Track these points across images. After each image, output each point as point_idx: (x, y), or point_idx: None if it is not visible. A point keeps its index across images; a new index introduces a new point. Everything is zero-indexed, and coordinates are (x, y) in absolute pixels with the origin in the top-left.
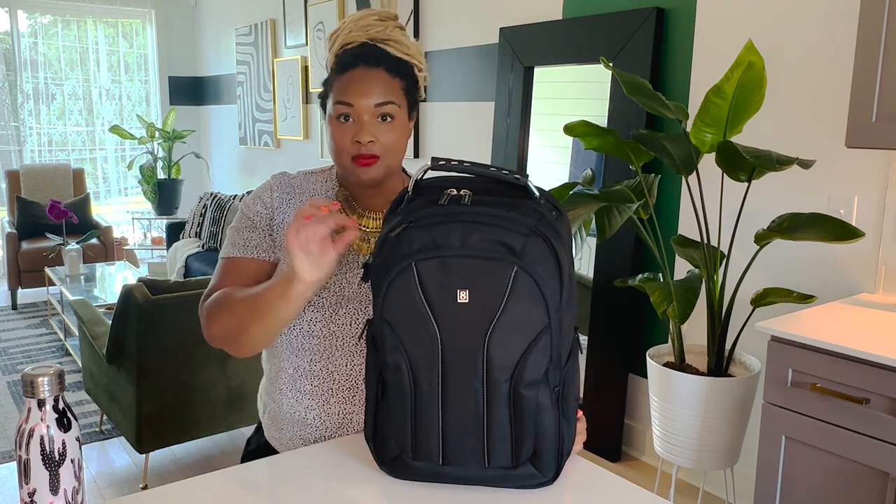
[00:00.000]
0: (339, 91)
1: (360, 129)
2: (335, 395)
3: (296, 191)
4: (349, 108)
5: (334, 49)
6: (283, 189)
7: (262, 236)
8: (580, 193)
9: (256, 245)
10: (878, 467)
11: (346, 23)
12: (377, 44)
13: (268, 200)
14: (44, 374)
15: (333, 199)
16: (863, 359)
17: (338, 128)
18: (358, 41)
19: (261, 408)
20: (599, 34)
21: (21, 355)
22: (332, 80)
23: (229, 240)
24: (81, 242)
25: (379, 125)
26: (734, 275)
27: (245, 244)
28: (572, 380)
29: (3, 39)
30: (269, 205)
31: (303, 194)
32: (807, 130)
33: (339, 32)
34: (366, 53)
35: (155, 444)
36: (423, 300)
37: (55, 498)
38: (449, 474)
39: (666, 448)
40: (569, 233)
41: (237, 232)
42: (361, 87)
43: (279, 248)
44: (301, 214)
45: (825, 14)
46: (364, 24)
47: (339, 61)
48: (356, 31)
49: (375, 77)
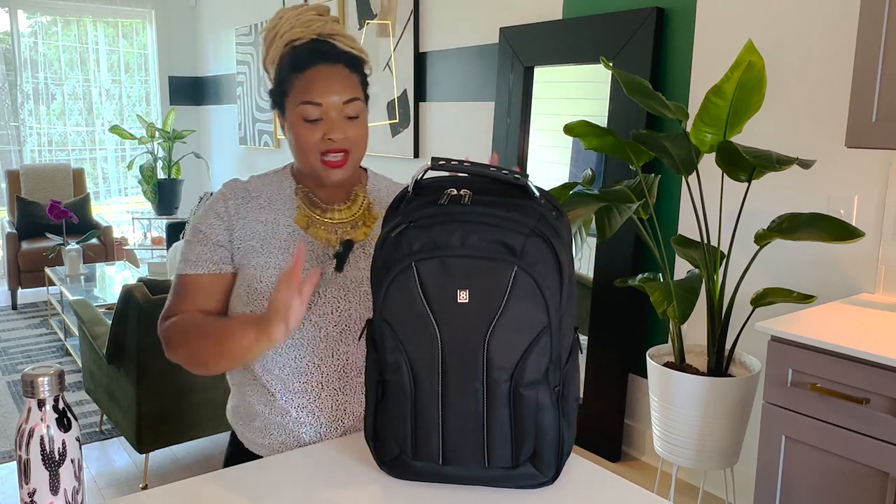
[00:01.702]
0: (303, 90)
1: (331, 127)
2: (325, 388)
3: (251, 195)
4: (317, 107)
5: (278, 45)
6: (237, 197)
7: (216, 249)
8: (580, 193)
9: (210, 259)
10: (878, 467)
11: (283, 19)
12: (326, 39)
13: (221, 210)
14: (44, 374)
15: (293, 197)
16: (863, 359)
17: (305, 128)
18: (305, 38)
19: (235, 422)
20: (599, 34)
21: (21, 355)
22: (289, 79)
23: (183, 255)
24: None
25: (346, 122)
26: (734, 275)
27: (198, 260)
28: (572, 380)
29: (3, 39)
30: (224, 215)
31: (259, 197)
32: (807, 130)
33: (277, 29)
34: (322, 50)
35: (155, 444)
36: (424, 300)
37: (55, 498)
38: (449, 474)
39: (666, 448)
40: (569, 233)
41: (190, 247)
42: (327, 84)
43: (242, 255)
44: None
45: (825, 14)
46: (305, 20)
47: (293, 59)
48: (299, 28)
49: (338, 74)
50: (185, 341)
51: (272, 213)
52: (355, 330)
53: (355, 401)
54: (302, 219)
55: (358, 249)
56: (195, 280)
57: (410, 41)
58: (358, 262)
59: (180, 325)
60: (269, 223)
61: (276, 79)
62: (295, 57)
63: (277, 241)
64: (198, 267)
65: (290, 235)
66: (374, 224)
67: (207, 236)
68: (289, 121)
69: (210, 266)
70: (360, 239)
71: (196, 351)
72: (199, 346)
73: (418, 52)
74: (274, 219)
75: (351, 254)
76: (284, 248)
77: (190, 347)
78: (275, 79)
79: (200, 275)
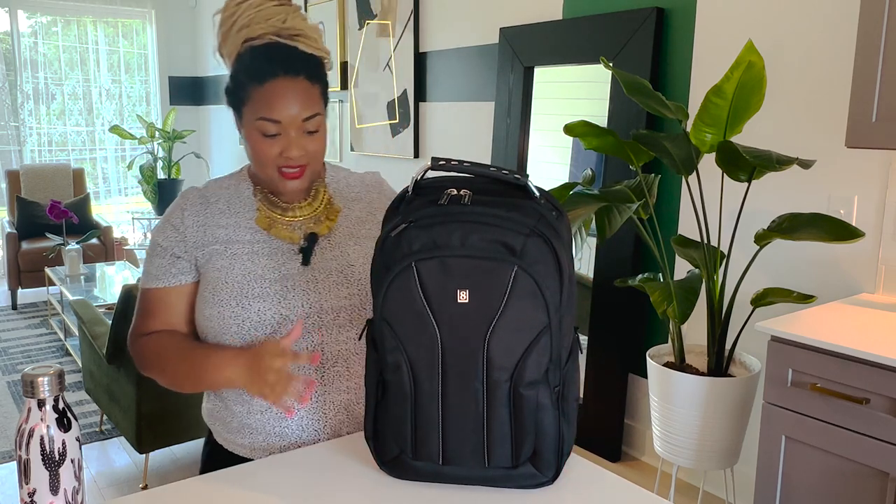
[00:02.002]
0: (263, 106)
1: (289, 145)
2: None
3: (210, 199)
4: (276, 124)
5: (235, 40)
6: (193, 206)
7: (175, 261)
8: (580, 193)
9: (169, 272)
10: (878, 467)
11: (242, 7)
12: (286, 42)
13: (177, 222)
14: (44, 374)
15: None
16: (863, 359)
17: (263, 142)
18: (264, 36)
19: (212, 423)
20: (599, 34)
21: (21, 355)
22: (247, 88)
23: (144, 269)
24: (81, 242)
25: (305, 138)
26: (734, 275)
27: (158, 273)
28: (572, 380)
29: (3, 39)
30: (180, 226)
31: (218, 201)
32: (807, 130)
33: (235, 19)
34: (281, 58)
35: (155, 444)
36: (423, 300)
37: (55, 498)
38: (449, 474)
39: (666, 448)
40: (569, 233)
41: (150, 260)
42: (286, 101)
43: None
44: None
45: (825, 14)
46: (265, 14)
47: (252, 66)
48: (259, 23)
49: (298, 88)
50: (161, 365)
51: (232, 216)
52: (327, 321)
53: (335, 390)
54: (263, 220)
55: (323, 241)
56: (158, 295)
57: (410, 41)
58: (324, 254)
59: (155, 348)
60: (231, 227)
61: (234, 80)
62: (254, 63)
63: (240, 244)
64: (159, 281)
65: (253, 237)
66: (337, 217)
67: (165, 249)
68: (246, 131)
69: (170, 279)
70: (324, 232)
71: (173, 375)
72: (176, 371)
73: (418, 52)
74: (235, 222)
75: (316, 246)
76: (248, 250)
77: (167, 371)
78: (232, 79)
79: (162, 289)
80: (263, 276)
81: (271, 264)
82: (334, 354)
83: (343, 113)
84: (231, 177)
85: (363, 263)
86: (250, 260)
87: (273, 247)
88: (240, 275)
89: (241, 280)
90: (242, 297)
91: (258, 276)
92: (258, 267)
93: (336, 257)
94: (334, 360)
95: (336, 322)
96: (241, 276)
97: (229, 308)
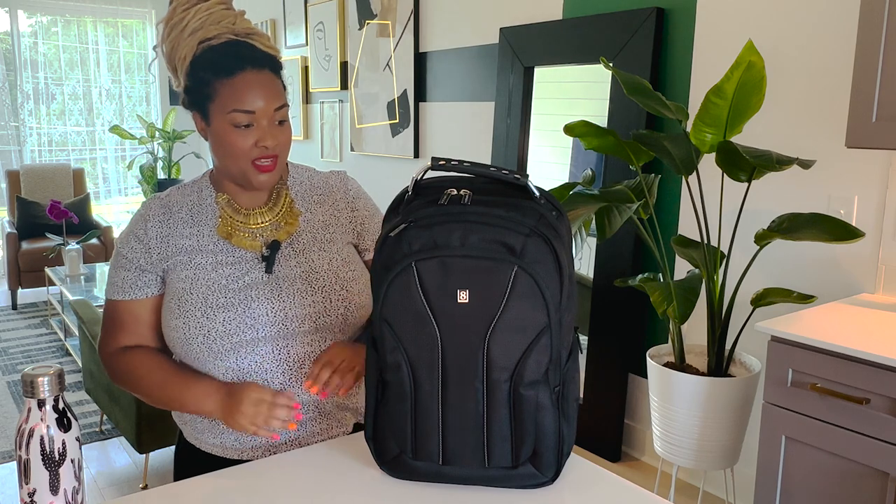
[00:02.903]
0: (233, 98)
1: (263, 135)
2: (271, 384)
3: (172, 209)
4: (250, 115)
5: (189, 43)
6: (155, 216)
7: (140, 274)
8: (580, 193)
9: (134, 284)
10: (878, 467)
11: (192, 13)
12: (244, 39)
13: (140, 233)
14: (44, 374)
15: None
16: (863, 359)
17: (236, 135)
18: (220, 36)
19: (182, 423)
20: (599, 34)
21: (21, 355)
22: (212, 84)
23: (109, 279)
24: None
25: (276, 128)
26: (734, 275)
27: (122, 285)
28: (572, 380)
29: (3, 39)
30: (144, 238)
31: (180, 210)
32: (807, 130)
33: (186, 23)
34: (246, 54)
35: (155, 444)
36: (423, 300)
37: (55, 498)
38: (449, 474)
39: (666, 448)
40: (569, 233)
41: (114, 271)
42: (257, 91)
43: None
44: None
45: (825, 14)
46: (216, 17)
47: (215, 62)
48: (212, 25)
49: (266, 80)
50: (136, 384)
51: (195, 225)
52: (292, 328)
53: (303, 391)
54: (224, 229)
55: (286, 248)
56: (125, 307)
57: (410, 41)
58: (288, 261)
59: (130, 367)
60: (194, 236)
61: (194, 80)
62: (216, 60)
63: (203, 254)
64: (124, 293)
65: (216, 246)
66: (297, 221)
67: (130, 261)
68: (215, 127)
69: (135, 292)
70: (284, 238)
71: (148, 396)
72: (151, 394)
73: (418, 52)
74: (198, 231)
75: (279, 254)
76: (211, 259)
77: (141, 392)
78: (191, 79)
79: (129, 301)
80: (227, 287)
81: (235, 274)
82: (300, 356)
83: (343, 113)
84: (193, 183)
85: (327, 269)
86: (214, 270)
87: (236, 256)
88: (204, 286)
89: (206, 291)
90: (207, 307)
91: (222, 287)
92: (222, 277)
93: (300, 264)
94: (301, 363)
95: (301, 329)
96: (206, 287)
97: (195, 319)
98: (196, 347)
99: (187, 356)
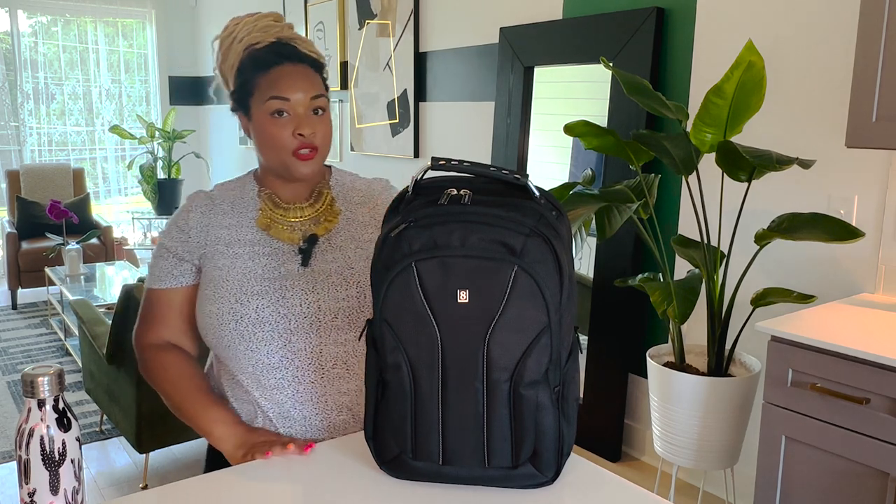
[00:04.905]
0: (270, 87)
1: (300, 122)
2: (302, 382)
3: (215, 201)
4: (285, 102)
5: (236, 50)
6: (198, 207)
7: (179, 264)
8: (580, 193)
9: (172, 274)
10: (878, 467)
11: (241, 25)
12: (287, 42)
13: (182, 223)
14: (44, 374)
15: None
16: (863, 359)
17: (274, 124)
18: (265, 41)
19: None
20: (599, 34)
21: (21, 355)
22: (253, 79)
23: (150, 269)
24: (81, 242)
25: (314, 118)
26: (734, 275)
27: (161, 275)
28: (572, 380)
29: (3, 39)
30: (185, 227)
31: (222, 203)
32: (807, 130)
33: (234, 35)
34: (285, 51)
35: (155, 444)
36: (423, 300)
37: (55, 498)
38: (449, 474)
39: (666, 448)
40: (569, 233)
41: (155, 262)
42: (293, 81)
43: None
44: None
45: (825, 14)
46: (263, 26)
47: (256, 60)
48: (257, 33)
49: (303, 72)
50: (161, 385)
51: (235, 217)
52: (326, 322)
53: (335, 392)
54: (263, 221)
55: (324, 243)
56: (161, 295)
57: (410, 41)
58: (324, 255)
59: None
60: (233, 227)
61: (239, 81)
62: (258, 58)
63: (241, 244)
64: (162, 282)
65: (254, 237)
66: (337, 218)
67: (170, 251)
68: (256, 120)
69: (172, 281)
70: (322, 233)
71: (168, 399)
72: (171, 400)
73: (418, 52)
74: (238, 222)
75: (316, 247)
76: (249, 250)
77: (163, 392)
78: (236, 82)
79: (165, 290)
80: (263, 276)
81: (271, 264)
82: (333, 356)
83: (343, 113)
84: (238, 180)
85: (364, 267)
86: (251, 259)
87: (274, 247)
88: (240, 273)
89: (241, 278)
90: (241, 294)
91: (258, 275)
92: (258, 266)
93: (336, 259)
94: (333, 362)
95: (334, 324)
96: (241, 275)
97: (228, 304)
98: (228, 334)
99: (219, 344)
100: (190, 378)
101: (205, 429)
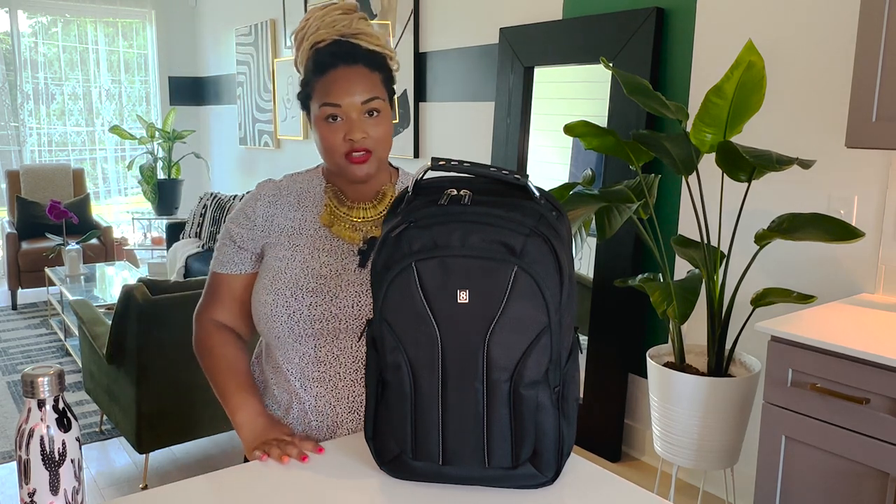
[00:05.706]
0: (323, 92)
1: (351, 128)
2: (343, 380)
3: (282, 193)
4: (336, 108)
5: (304, 48)
6: (266, 196)
7: (240, 252)
8: (580, 193)
9: (232, 261)
10: (878, 467)
11: (311, 20)
12: (349, 39)
13: (249, 211)
14: (44, 374)
15: (323, 196)
16: (863, 359)
17: (327, 128)
18: (329, 39)
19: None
20: (599, 34)
21: (21, 355)
22: (312, 82)
23: (216, 252)
24: (81, 242)
25: (367, 121)
26: (734, 275)
27: (222, 259)
28: (572, 380)
29: (3, 39)
30: (251, 215)
31: (289, 195)
32: (807, 130)
33: (305, 31)
34: (342, 52)
35: (155, 444)
36: (423, 300)
37: (55, 498)
38: (449, 474)
39: (666, 448)
40: (569, 233)
41: (221, 246)
42: (345, 85)
43: (270, 249)
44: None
45: (825, 14)
46: (330, 21)
47: (315, 62)
48: (324, 29)
49: (357, 74)
50: (204, 360)
51: (301, 210)
52: None
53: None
54: (327, 217)
55: None
56: (223, 279)
57: (410, 41)
58: None
59: (210, 346)
60: (297, 220)
61: (302, 81)
62: (317, 60)
63: (303, 237)
64: (224, 267)
65: (316, 232)
66: None
67: (232, 237)
68: (314, 122)
69: (233, 267)
70: None
71: (207, 375)
72: (210, 375)
73: (418, 52)
74: (302, 216)
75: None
76: (309, 244)
77: (204, 366)
78: (301, 81)
79: (227, 275)
80: (319, 272)
81: (329, 261)
82: None
83: None
84: (307, 172)
85: None
86: (310, 254)
87: (334, 244)
88: (298, 267)
89: (299, 272)
90: (297, 288)
91: (315, 272)
92: (317, 262)
93: None
94: None
95: None
96: (300, 269)
97: (283, 297)
98: (279, 326)
99: (270, 333)
100: (232, 361)
101: (230, 411)
